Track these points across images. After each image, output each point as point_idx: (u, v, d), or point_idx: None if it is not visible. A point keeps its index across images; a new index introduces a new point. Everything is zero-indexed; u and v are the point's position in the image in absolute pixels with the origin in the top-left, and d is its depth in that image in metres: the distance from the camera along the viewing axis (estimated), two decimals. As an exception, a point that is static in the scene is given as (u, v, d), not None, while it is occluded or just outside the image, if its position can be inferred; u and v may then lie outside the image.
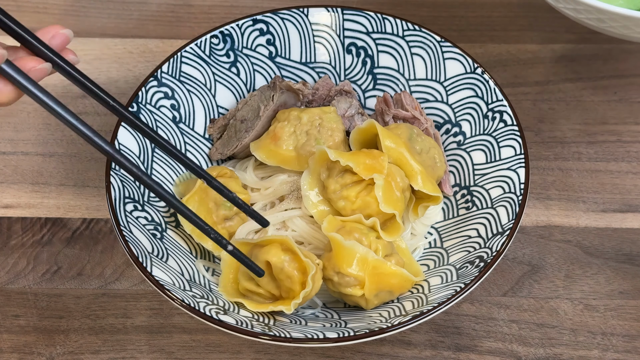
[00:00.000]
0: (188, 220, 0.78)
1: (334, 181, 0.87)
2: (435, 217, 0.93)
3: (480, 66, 0.95)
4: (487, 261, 0.82)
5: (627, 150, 1.02)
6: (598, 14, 0.90)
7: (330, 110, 0.92)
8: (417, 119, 0.94)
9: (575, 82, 1.08)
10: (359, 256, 0.82)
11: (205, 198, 0.87)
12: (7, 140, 1.03)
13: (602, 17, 0.90)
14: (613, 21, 0.90)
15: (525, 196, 0.86)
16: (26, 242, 0.95)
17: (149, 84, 0.93)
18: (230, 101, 0.99)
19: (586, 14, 0.92)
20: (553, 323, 0.89)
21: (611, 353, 0.87)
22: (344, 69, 1.01)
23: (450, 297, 0.80)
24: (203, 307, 0.79)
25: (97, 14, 1.15)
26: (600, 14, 0.90)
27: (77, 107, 1.06)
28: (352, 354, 0.87)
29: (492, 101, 0.93)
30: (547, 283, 0.92)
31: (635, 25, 0.89)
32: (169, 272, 0.83)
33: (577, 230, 0.96)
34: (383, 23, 0.99)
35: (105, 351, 0.87)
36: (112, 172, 0.86)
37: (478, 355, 0.87)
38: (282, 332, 0.79)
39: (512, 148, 0.90)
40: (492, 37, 1.12)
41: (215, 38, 0.98)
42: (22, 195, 0.98)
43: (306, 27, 1.00)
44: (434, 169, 0.90)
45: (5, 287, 0.92)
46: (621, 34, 0.93)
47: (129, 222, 0.84)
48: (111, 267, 0.93)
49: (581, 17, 0.93)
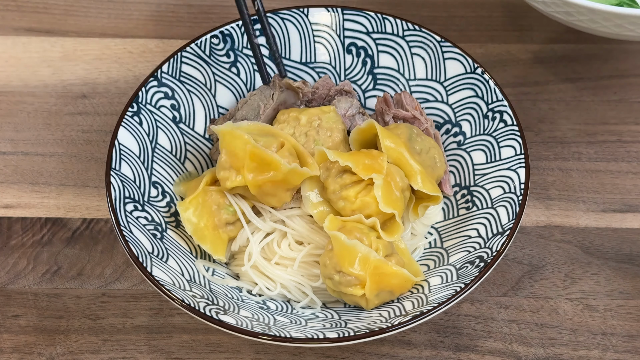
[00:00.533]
0: None
1: (333, 181, 0.87)
2: (435, 217, 0.93)
3: (480, 66, 0.95)
4: (487, 261, 0.82)
5: (627, 150, 1.02)
6: (590, 14, 0.90)
7: (329, 110, 0.92)
8: (417, 119, 0.94)
9: (575, 82, 1.08)
10: (360, 255, 0.82)
11: (208, 200, 0.87)
12: (7, 140, 1.03)
13: (595, 17, 0.90)
14: (605, 20, 0.90)
15: (525, 196, 0.86)
16: (26, 242, 0.95)
17: (149, 84, 0.93)
18: (230, 101, 0.99)
19: (578, 16, 0.92)
20: (553, 323, 0.89)
21: (611, 353, 0.87)
22: (344, 69, 1.01)
23: (450, 297, 0.80)
24: (203, 307, 0.79)
25: (97, 14, 1.15)
26: (592, 14, 0.90)
27: (77, 107, 1.06)
28: (352, 354, 0.87)
29: (492, 101, 0.93)
30: (547, 283, 0.92)
31: (625, 21, 0.89)
32: (169, 272, 0.83)
33: (577, 230, 0.96)
34: (383, 23, 0.99)
35: (105, 351, 0.87)
36: (112, 172, 0.86)
37: (478, 355, 0.87)
38: (282, 332, 0.79)
39: (512, 148, 0.90)
40: (492, 37, 1.12)
41: (215, 38, 0.98)
42: (22, 195, 0.98)
43: (306, 27, 1.00)
44: (434, 169, 0.90)
45: (5, 287, 0.92)
46: (615, 33, 0.93)
47: (129, 222, 0.84)
48: (111, 267, 0.93)
49: (572, 20, 0.93)
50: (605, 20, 0.90)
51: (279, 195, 0.87)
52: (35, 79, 1.08)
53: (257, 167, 0.85)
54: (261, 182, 0.85)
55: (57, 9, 1.16)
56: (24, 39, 1.12)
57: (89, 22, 1.15)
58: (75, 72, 1.09)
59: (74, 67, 1.09)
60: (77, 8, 1.16)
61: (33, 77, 1.09)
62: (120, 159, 0.88)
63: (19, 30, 1.13)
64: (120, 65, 1.10)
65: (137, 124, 0.91)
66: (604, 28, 0.92)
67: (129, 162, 0.89)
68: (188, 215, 0.87)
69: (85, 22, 1.14)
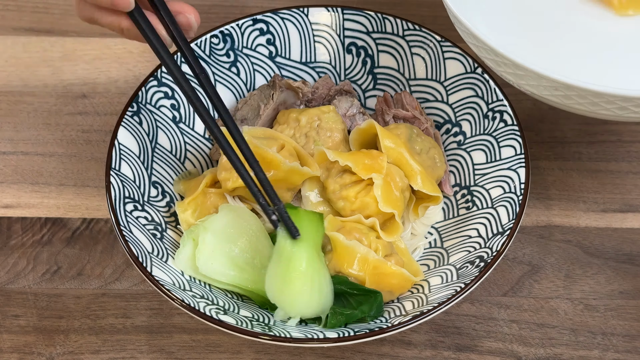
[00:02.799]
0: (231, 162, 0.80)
1: (333, 181, 0.87)
2: (435, 217, 0.93)
3: (481, 66, 0.95)
4: (488, 261, 0.82)
5: (627, 150, 1.02)
6: (566, 90, 0.81)
7: (329, 110, 0.92)
8: (418, 119, 0.94)
9: (575, 82, 1.08)
10: (359, 256, 0.82)
11: (207, 202, 0.87)
12: (7, 140, 1.03)
13: (570, 93, 0.82)
14: (580, 98, 0.82)
15: (525, 196, 0.86)
16: (26, 242, 0.95)
17: (149, 84, 0.93)
18: (230, 101, 0.99)
19: (551, 90, 0.83)
20: (553, 323, 0.89)
21: (611, 353, 0.87)
22: (344, 68, 1.01)
23: (451, 297, 0.80)
24: (203, 307, 0.79)
25: (97, 13, 1.15)
26: (568, 90, 0.81)
27: (77, 107, 1.06)
28: (352, 354, 0.87)
29: (492, 101, 0.93)
30: (547, 283, 0.92)
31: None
32: (169, 272, 0.83)
33: (577, 230, 0.96)
34: (383, 23, 0.99)
35: (105, 351, 0.87)
36: (112, 172, 0.86)
37: (478, 355, 0.87)
38: (282, 332, 0.79)
39: (512, 148, 0.90)
40: (492, 37, 1.12)
41: (215, 38, 0.98)
42: (22, 195, 0.98)
43: (306, 27, 1.00)
44: (434, 169, 0.90)
45: (5, 287, 0.92)
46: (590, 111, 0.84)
47: (129, 222, 0.84)
48: (111, 267, 0.93)
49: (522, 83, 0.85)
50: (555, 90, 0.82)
51: (279, 195, 0.87)
52: (35, 79, 1.08)
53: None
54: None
55: (57, 9, 1.16)
56: (24, 39, 1.12)
57: (89, 22, 1.14)
58: (75, 72, 1.09)
59: (74, 67, 1.09)
60: (77, 8, 1.16)
61: (33, 77, 1.09)
62: (120, 159, 0.88)
63: (19, 30, 1.13)
64: (120, 65, 1.10)
65: (137, 123, 0.91)
66: (578, 105, 0.83)
67: (128, 162, 0.89)
68: (186, 217, 0.87)
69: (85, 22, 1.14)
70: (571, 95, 0.81)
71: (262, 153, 0.84)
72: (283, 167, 0.85)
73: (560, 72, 0.80)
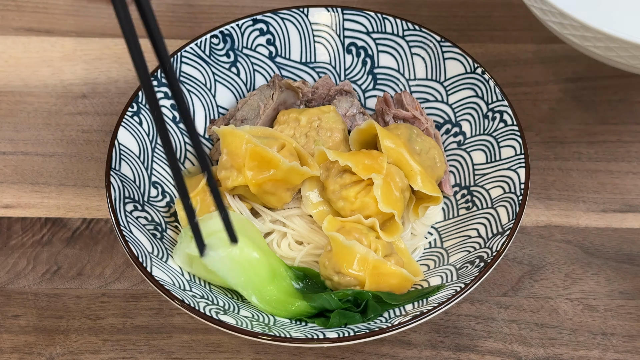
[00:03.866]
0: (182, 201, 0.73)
1: (333, 181, 0.87)
2: (435, 217, 0.93)
3: (481, 66, 0.95)
4: (487, 261, 0.82)
5: (627, 150, 1.02)
6: (608, 42, 0.87)
7: (329, 110, 0.92)
8: (418, 119, 0.94)
9: (575, 82, 1.08)
10: (359, 256, 0.82)
11: (207, 200, 0.87)
12: (7, 140, 1.03)
13: (611, 45, 0.88)
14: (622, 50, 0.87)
15: (525, 196, 0.86)
16: (26, 242, 0.95)
17: (149, 84, 0.93)
18: (230, 101, 0.99)
19: (594, 42, 0.89)
20: (553, 323, 0.89)
21: (611, 353, 0.87)
22: (344, 68, 1.01)
23: (450, 297, 0.80)
24: (203, 307, 0.79)
25: (97, 14, 1.15)
26: (610, 42, 0.87)
27: (77, 107, 1.06)
28: (352, 354, 0.87)
29: (492, 101, 0.93)
30: (547, 283, 0.92)
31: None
32: (169, 272, 0.83)
33: (577, 230, 0.96)
34: (383, 23, 0.99)
35: (105, 351, 0.87)
36: (112, 172, 0.86)
37: (478, 355, 0.87)
38: (282, 332, 0.79)
39: (512, 148, 0.90)
40: (492, 37, 1.12)
41: (215, 38, 0.98)
42: (22, 195, 0.98)
43: (306, 27, 1.00)
44: (434, 169, 0.90)
45: (5, 287, 0.92)
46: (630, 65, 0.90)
47: (129, 222, 0.84)
48: (111, 267, 0.93)
49: (565, 33, 0.91)
50: (598, 41, 0.88)
51: (279, 195, 0.87)
52: (35, 79, 1.08)
53: (258, 165, 0.85)
54: (262, 180, 0.85)
55: (57, 9, 1.16)
56: (24, 39, 1.12)
57: (89, 22, 1.15)
58: (75, 72, 1.09)
59: (74, 67, 1.09)
60: (77, 8, 1.16)
61: (33, 77, 1.09)
62: (120, 159, 0.88)
63: (19, 30, 1.13)
64: (120, 65, 1.10)
65: (137, 124, 0.91)
66: (596, 49, 0.89)
67: (128, 162, 0.89)
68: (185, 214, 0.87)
69: (85, 22, 1.14)
70: (613, 47, 0.85)
71: (261, 152, 0.84)
72: (282, 166, 0.85)
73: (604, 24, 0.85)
